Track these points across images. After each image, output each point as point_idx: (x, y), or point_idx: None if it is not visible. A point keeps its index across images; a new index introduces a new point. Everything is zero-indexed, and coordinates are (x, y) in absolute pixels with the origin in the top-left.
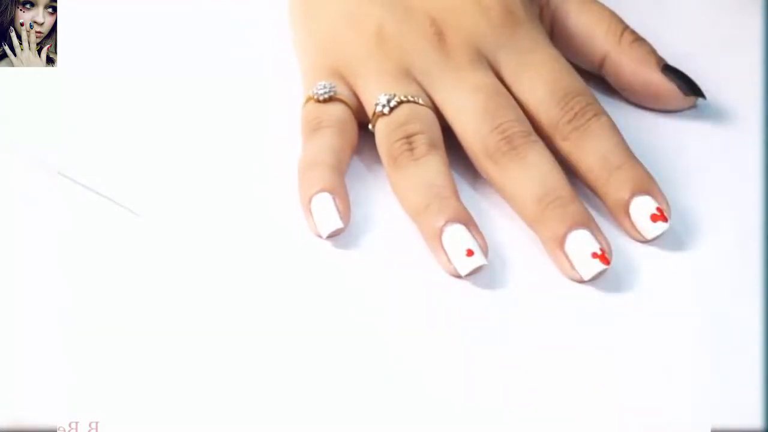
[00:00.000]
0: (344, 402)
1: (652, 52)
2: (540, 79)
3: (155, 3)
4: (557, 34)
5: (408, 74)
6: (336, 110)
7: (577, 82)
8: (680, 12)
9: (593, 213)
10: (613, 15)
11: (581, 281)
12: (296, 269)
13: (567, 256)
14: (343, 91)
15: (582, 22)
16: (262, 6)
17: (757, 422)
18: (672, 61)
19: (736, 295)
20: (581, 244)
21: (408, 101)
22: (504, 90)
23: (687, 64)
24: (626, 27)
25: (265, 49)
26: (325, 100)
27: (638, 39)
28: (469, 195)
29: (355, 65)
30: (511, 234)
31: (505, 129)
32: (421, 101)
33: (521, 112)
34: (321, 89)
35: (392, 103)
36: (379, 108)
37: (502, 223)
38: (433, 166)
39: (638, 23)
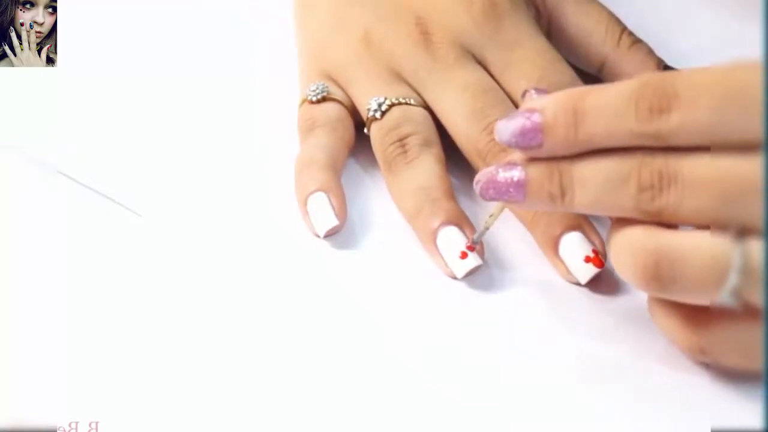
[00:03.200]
0: (342, 402)
1: (651, 54)
2: (524, 76)
3: (155, 3)
4: (555, 36)
5: (398, 76)
6: (329, 109)
7: (562, 75)
8: (680, 12)
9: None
10: (612, 16)
11: (579, 284)
12: (295, 269)
13: (562, 261)
14: (336, 91)
15: (580, 24)
16: (262, 6)
17: (757, 422)
18: (671, 62)
19: None
20: (574, 247)
21: (399, 103)
22: (492, 84)
23: (687, 64)
24: (624, 29)
25: (266, 49)
26: (318, 101)
27: (637, 41)
28: (468, 195)
29: (345, 70)
30: (510, 234)
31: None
32: (412, 102)
33: (511, 105)
34: (313, 90)
35: (383, 107)
36: (371, 113)
37: (501, 224)
38: (426, 167)
39: (637, 24)
